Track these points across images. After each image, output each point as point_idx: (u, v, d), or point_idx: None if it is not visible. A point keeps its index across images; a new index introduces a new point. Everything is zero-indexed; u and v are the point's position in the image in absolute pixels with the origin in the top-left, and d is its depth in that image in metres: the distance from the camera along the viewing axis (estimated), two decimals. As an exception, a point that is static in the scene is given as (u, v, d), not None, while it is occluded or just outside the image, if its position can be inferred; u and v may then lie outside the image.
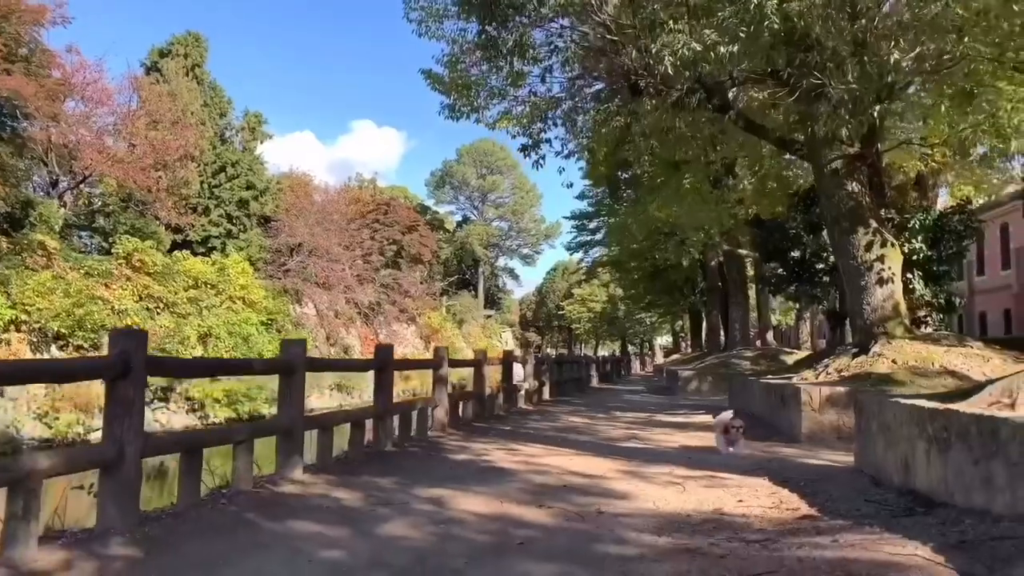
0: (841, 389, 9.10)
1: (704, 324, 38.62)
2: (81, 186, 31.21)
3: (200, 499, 5.04)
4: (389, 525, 4.48)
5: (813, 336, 53.52)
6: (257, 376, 25.39)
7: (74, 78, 28.53)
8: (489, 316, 76.23)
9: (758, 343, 34.67)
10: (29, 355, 20.83)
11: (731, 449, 7.81)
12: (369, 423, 8.25)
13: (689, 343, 54.25)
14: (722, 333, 34.31)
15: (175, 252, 32.63)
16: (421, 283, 50.62)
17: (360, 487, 5.70)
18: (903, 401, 5.73)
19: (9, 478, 3.64)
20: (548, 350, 71.25)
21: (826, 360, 11.74)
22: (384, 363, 8.31)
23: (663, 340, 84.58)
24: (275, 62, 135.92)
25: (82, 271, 24.94)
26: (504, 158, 77.35)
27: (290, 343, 6.33)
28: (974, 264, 41.10)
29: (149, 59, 39.50)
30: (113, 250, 28.12)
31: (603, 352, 74.50)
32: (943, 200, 21.45)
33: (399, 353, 17.89)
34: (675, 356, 49.47)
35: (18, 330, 21.48)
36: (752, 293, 36.41)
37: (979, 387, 6.00)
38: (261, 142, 44.73)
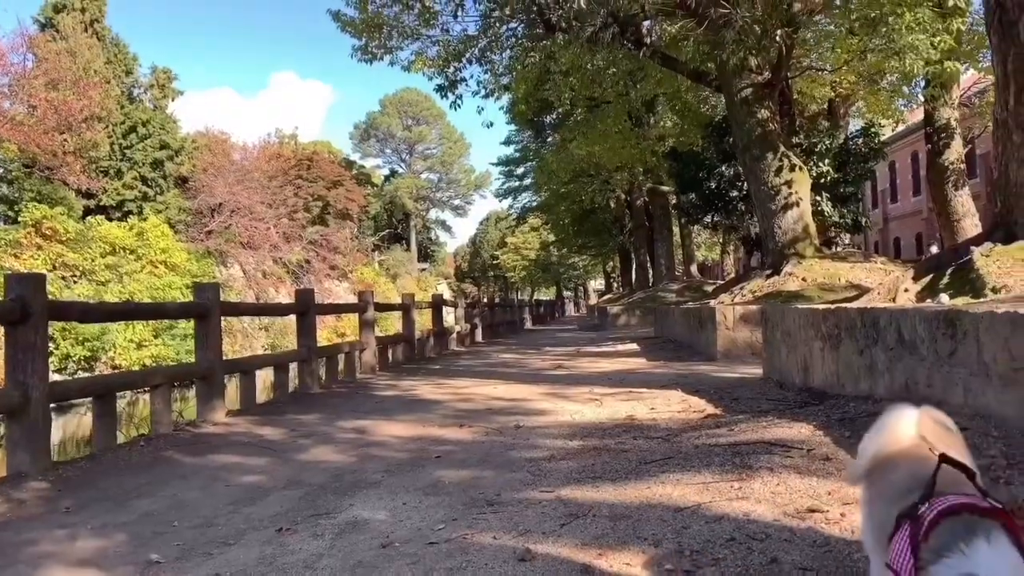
0: (753, 307, 9.49)
1: (633, 263, 39.29)
2: (-22, 152, 29.44)
3: (117, 444, 5.00)
4: (310, 452, 4.56)
5: (737, 268, 55.14)
6: (187, 342, 25.01)
7: (-41, 37, 26.68)
8: (423, 269, 75.89)
9: (684, 278, 35.57)
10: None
11: None
12: (294, 368, 8.25)
13: (620, 282, 55.16)
14: (650, 270, 35.05)
15: (89, 218, 31.28)
16: (351, 239, 49.89)
17: (283, 424, 5.74)
18: (802, 307, 6.06)
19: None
20: (484, 300, 71.43)
21: (742, 284, 12.20)
22: (306, 306, 8.28)
23: (597, 284, 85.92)
24: (184, 16, 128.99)
25: (-13, 241, 23.79)
26: (430, 108, 75.95)
27: (203, 287, 6.24)
28: (888, 192, 42.82)
29: (43, 14, 36.99)
30: (20, 219, 26.80)
31: (539, 297, 75.24)
32: (854, 128, 22.15)
33: (329, 305, 17.77)
34: (607, 296, 50.33)
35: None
36: (677, 229, 37.18)
37: (870, 291, 6.39)
38: (172, 99, 42.78)
